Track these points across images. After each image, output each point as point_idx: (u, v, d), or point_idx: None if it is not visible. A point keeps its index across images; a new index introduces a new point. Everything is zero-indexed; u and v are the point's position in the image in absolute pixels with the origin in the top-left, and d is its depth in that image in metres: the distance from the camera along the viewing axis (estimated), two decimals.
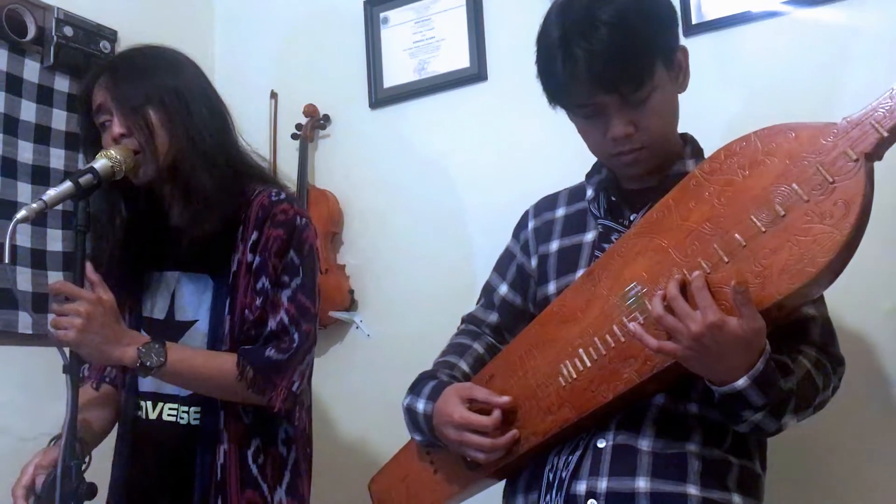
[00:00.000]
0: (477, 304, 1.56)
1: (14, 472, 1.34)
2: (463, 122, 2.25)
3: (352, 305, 2.34)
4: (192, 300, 1.49)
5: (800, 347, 1.23)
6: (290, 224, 1.44)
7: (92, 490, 1.28)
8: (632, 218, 1.33)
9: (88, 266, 1.32)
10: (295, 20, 2.59)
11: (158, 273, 1.54)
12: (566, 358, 1.25)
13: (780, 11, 1.82)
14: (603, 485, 1.19)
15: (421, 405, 1.37)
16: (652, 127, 1.25)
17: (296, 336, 1.42)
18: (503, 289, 1.50)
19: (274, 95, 2.51)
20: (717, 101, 1.82)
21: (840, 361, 1.28)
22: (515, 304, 1.49)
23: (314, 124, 2.44)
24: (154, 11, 2.51)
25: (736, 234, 1.10)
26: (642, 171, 1.31)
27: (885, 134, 1.02)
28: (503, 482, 1.40)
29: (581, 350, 1.23)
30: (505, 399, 1.28)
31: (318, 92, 2.47)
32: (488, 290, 1.54)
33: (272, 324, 1.42)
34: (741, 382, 1.08)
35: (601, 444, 1.23)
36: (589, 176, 1.44)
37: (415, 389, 1.41)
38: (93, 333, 1.28)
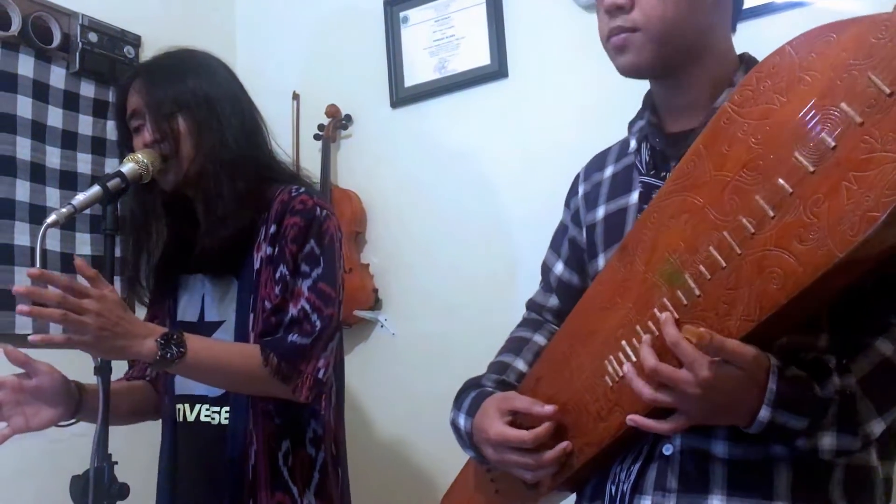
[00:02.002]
0: (539, 286, 1.41)
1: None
2: (484, 119, 2.25)
3: (376, 304, 2.34)
4: (219, 302, 1.50)
5: (884, 323, 0.97)
6: (309, 213, 1.43)
7: (124, 491, 1.28)
8: (648, 205, 1.12)
9: (79, 260, 1.24)
10: (315, 21, 2.61)
11: (190, 276, 1.55)
12: (609, 352, 1.06)
13: (803, 2, 1.81)
14: (671, 503, 1.03)
15: (462, 421, 1.23)
16: (650, 7, 1.08)
17: (317, 321, 1.39)
18: (559, 268, 1.35)
19: (296, 97, 2.53)
20: None
21: None
22: (573, 284, 1.32)
23: (336, 124, 2.45)
24: (177, 15, 2.53)
25: (780, 180, 0.89)
26: (633, 61, 1.11)
27: None
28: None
29: (624, 342, 1.04)
30: (549, 409, 1.10)
31: (340, 92, 2.48)
32: (545, 270, 1.39)
33: (293, 311, 1.39)
34: (763, 415, 0.91)
35: (667, 450, 1.04)
36: (632, 123, 1.25)
37: (458, 401, 1.27)
38: (107, 331, 1.22)
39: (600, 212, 1.24)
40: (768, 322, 0.90)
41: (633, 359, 1.00)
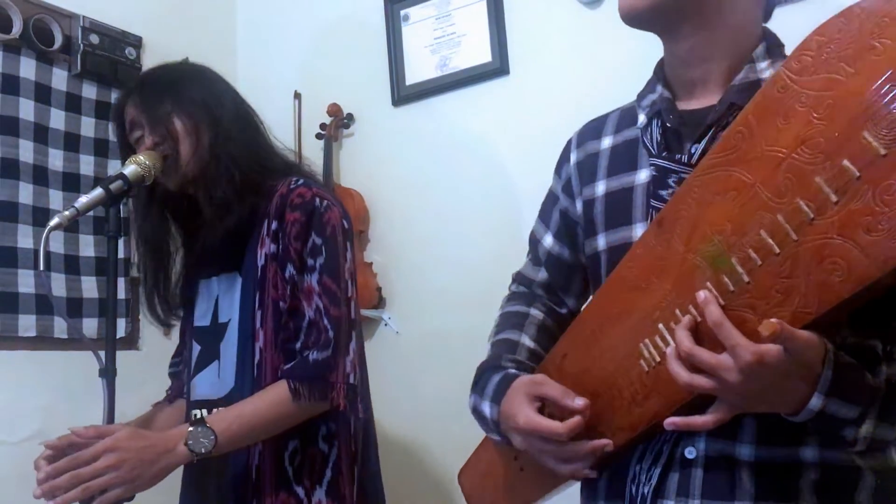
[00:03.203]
0: (526, 257, 1.36)
1: None
2: (486, 116, 2.25)
3: (380, 303, 2.35)
4: (227, 300, 1.50)
5: None
6: (308, 206, 1.42)
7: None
8: (692, 150, 1.04)
9: (71, 435, 1.26)
10: (316, 21, 2.61)
11: (208, 281, 1.55)
12: (645, 335, 0.99)
13: None
14: None
15: (487, 409, 1.15)
16: None
17: (329, 327, 1.38)
18: (548, 240, 1.28)
19: (297, 96, 2.53)
20: None
21: None
22: (563, 258, 1.26)
23: (338, 123, 2.45)
24: (178, 16, 2.54)
25: (845, 161, 0.80)
26: (638, 4, 1.05)
27: None
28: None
29: (661, 325, 0.97)
30: (581, 403, 1.02)
31: (341, 91, 2.48)
32: (533, 241, 1.33)
33: (309, 313, 1.39)
34: (815, 403, 0.85)
35: (690, 454, 0.99)
36: (641, 96, 1.17)
37: (478, 386, 1.19)
38: (137, 469, 1.23)
39: (600, 187, 1.16)
40: (825, 316, 0.83)
41: (672, 343, 0.93)
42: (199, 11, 2.63)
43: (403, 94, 2.39)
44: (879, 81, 0.78)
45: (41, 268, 1.32)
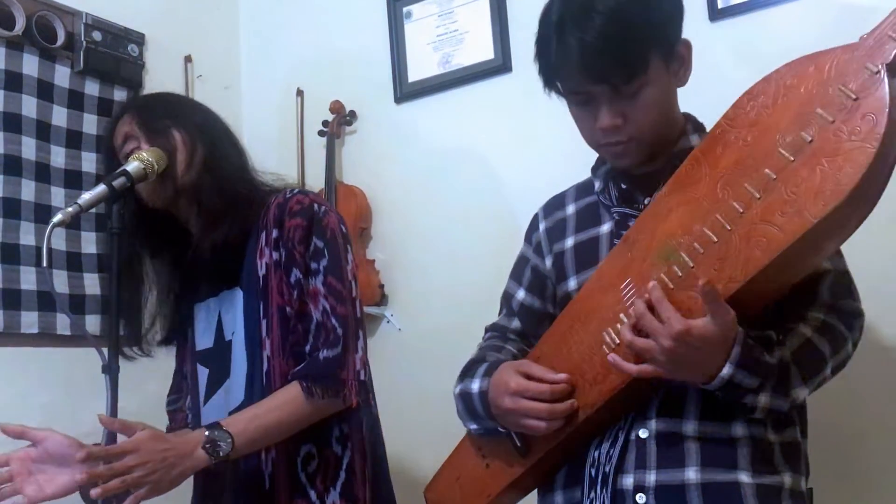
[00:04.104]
0: (499, 314, 1.53)
1: None
2: (488, 114, 2.25)
3: (382, 300, 2.35)
4: (230, 316, 1.50)
5: (803, 313, 1.20)
6: (308, 211, 1.44)
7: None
8: (645, 202, 1.29)
9: (102, 417, 1.27)
10: (318, 18, 2.60)
11: (201, 304, 1.55)
12: (607, 325, 1.20)
13: None
14: (651, 478, 1.16)
15: (476, 384, 1.33)
16: (641, 120, 1.23)
17: (337, 325, 1.40)
18: (521, 294, 1.47)
19: (300, 93, 2.52)
20: (745, 85, 1.79)
21: (854, 314, 1.24)
22: (534, 308, 1.46)
23: (340, 121, 2.45)
24: (180, 13, 2.54)
25: (766, 170, 1.07)
26: (630, 163, 1.29)
27: None
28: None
29: (622, 315, 1.18)
30: (562, 376, 1.23)
31: (344, 88, 2.48)
32: (507, 297, 1.51)
33: (317, 315, 1.40)
34: (726, 371, 1.08)
35: (643, 433, 1.18)
36: (595, 168, 1.42)
37: (467, 374, 1.38)
38: (159, 471, 1.25)
39: (569, 241, 1.39)
40: (748, 287, 1.06)
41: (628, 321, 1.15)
42: (201, 8, 2.63)
43: (406, 91, 2.39)
44: (791, 115, 1.08)
45: (44, 265, 1.32)
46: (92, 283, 2.15)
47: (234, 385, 1.46)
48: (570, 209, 1.43)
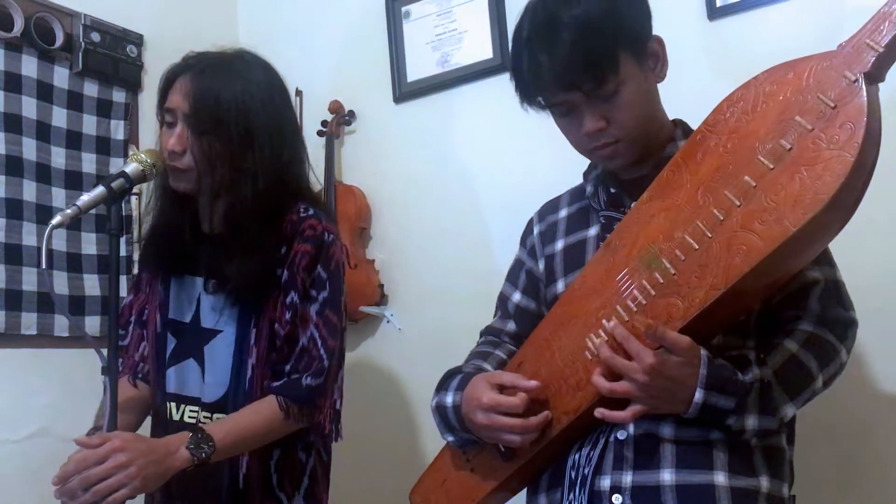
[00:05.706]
0: (494, 316, 1.55)
1: (51, 476, 1.36)
2: (487, 113, 2.24)
3: (382, 300, 2.35)
4: (218, 311, 1.51)
5: (791, 328, 1.21)
6: (319, 240, 1.46)
7: None
8: (632, 205, 1.30)
9: (80, 439, 1.31)
10: (317, 18, 2.60)
11: (187, 276, 1.55)
12: (590, 330, 1.22)
13: None
14: (627, 479, 1.17)
15: (449, 398, 1.34)
16: (623, 120, 1.25)
17: (325, 356, 1.44)
18: (516, 296, 1.50)
19: (299, 93, 2.52)
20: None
21: (847, 323, 1.24)
22: (530, 310, 1.48)
23: (340, 121, 2.45)
24: (179, 14, 2.54)
25: (746, 177, 1.08)
26: (623, 163, 1.31)
27: (881, 49, 1.01)
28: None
29: (604, 320, 1.19)
30: (533, 383, 1.24)
31: (343, 88, 2.48)
32: (503, 299, 1.53)
33: (303, 340, 1.44)
34: (699, 396, 1.10)
35: (622, 435, 1.20)
36: (586, 173, 1.45)
37: (441, 387, 1.40)
38: (146, 468, 1.28)
39: (559, 244, 1.42)
40: (726, 298, 1.08)
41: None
42: (200, 9, 2.63)
43: (405, 90, 2.39)
44: (770, 123, 1.09)
45: (44, 266, 1.33)
46: (91, 285, 2.15)
47: (214, 377, 1.49)
48: (563, 213, 1.46)
